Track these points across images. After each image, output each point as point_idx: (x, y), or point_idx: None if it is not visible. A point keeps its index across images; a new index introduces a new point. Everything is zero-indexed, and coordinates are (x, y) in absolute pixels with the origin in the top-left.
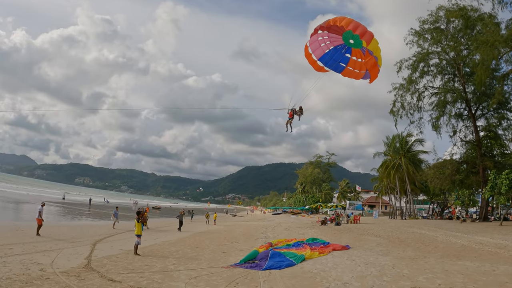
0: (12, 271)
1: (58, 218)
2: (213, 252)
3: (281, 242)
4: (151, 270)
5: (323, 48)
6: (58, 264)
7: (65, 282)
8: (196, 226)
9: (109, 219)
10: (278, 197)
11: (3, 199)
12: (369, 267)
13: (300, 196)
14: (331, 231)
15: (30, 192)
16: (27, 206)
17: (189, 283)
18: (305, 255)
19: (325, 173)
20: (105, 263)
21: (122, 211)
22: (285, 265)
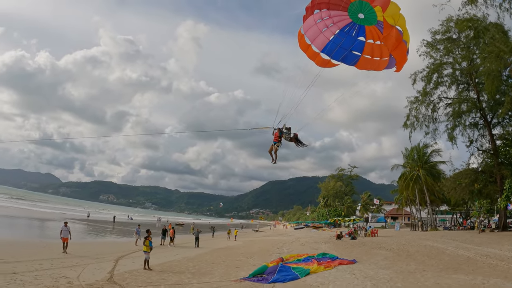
0: (43, 283)
1: (83, 236)
2: (227, 267)
3: (292, 257)
4: (167, 283)
5: (326, 34)
6: (83, 277)
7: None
8: (217, 242)
9: (132, 236)
10: (301, 211)
11: (29, 217)
12: (366, 280)
13: (322, 210)
14: (344, 245)
15: (55, 210)
16: (52, 223)
17: None
18: (311, 269)
19: (347, 186)
20: (126, 277)
21: (145, 228)
22: (289, 279)
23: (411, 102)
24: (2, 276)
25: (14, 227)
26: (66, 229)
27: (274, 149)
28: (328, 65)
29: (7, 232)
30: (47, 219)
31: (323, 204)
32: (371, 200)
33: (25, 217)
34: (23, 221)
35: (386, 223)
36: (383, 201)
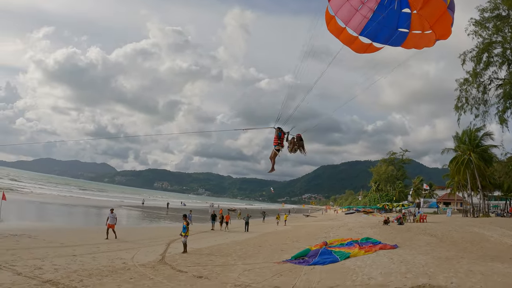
0: (101, 263)
1: (138, 221)
2: (272, 250)
3: (336, 241)
4: (214, 264)
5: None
6: (137, 258)
7: (142, 272)
8: (266, 227)
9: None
10: (353, 196)
11: (87, 205)
12: (402, 265)
13: (374, 194)
14: (389, 231)
15: (112, 198)
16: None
17: (242, 274)
18: (352, 253)
19: (399, 171)
20: (177, 258)
21: (197, 214)
22: (329, 262)
23: (461, 84)
24: (63, 258)
25: (73, 215)
26: (112, 215)
27: (274, 154)
28: (369, 50)
29: (67, 220)
30: (104, 207)
31: (374, 189)
32: (422, 185)
33: (83, 205)
34: (81, 209)
35: (438, 209)
36: (435, 186)
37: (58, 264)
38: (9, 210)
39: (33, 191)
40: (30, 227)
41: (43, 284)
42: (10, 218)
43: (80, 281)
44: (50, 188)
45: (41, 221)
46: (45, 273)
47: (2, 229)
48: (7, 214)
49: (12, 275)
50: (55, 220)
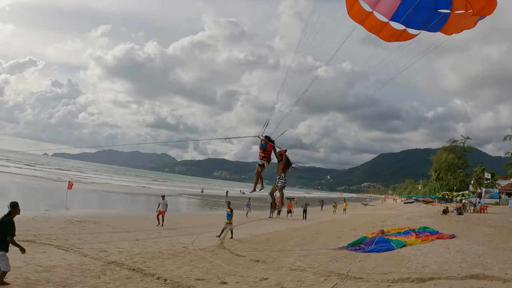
0: (162, 247)
1: (198, 209)
2: (329, 237)
3: (393, 230)
4: (271, 249)
5: None
6: (197, 243)
7: (202, 255)
8: (324, 215)
9: (242, 209)
10: (413, 185)
11: (148, 194)
12: (458, 255)
13: (434, 183)
14: (448, 220)
15: (171, 187)
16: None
17: (298, 259)
18: (408, 241)
19: (460, 159)
20: (235, 243)
21: (255, 202)
22: (384, 249)
23: None
24: (126, 242)
25: (135, 202)
26: (163, 202)
27: (257, 172)
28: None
29: (129, 207)
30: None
31: (435, 178)
32: (484, 174)
33: (145, 194)
34: (142, 197)
35: (500, 200)
36: (498, 175)
37: (121, 248)
38: (74, 199)
39: (96, 181)
40: (94, 214)
41: (108, 264)
42: (76, 206)
43: (143, 263)
44: (112, 178)
45: (104, 208)
46: (110, 255)
47: (69, 215)
48: (73, 202)
49: (80, 257)
50: (118, 207)
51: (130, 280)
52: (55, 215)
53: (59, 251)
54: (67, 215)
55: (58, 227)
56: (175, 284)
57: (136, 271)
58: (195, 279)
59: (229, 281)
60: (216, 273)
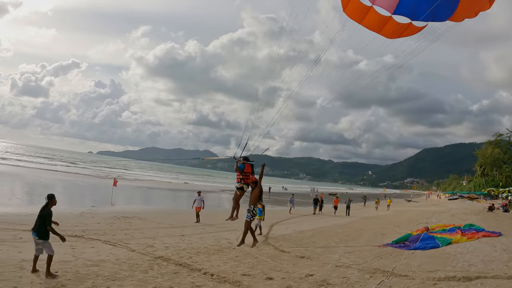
0: (207, 243)
1: (242, 205)
2: (373, 234)
3: (438, 227)
4: (316, 246)
5: None
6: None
7: (247, 251)
8: (367, 211)
9: (286, 205)
10: (457, 181)
11: (192, 190)
12: (504, 253)
13: (479, 179)
14: (494, 218)
15: (214, 183)
16: (211, 195)
17: (343, 256)
18: (453, 239)
19: (506, 153)
20: (280, 239)
21: (299, 198)
22: (430, 247)
23: None
24: (172, 238)
25: (179, 199)
26: (199, 198)
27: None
28: (406, 32)
29: (173, 203)
30: (208, 191)
31: (480, 173)
32: None
33: (188, 190)
34: (186, 194)
35: None
36: None
37: (168, 243)
38: (119, 195)
39: (140, 178)
40: (140, 210)
41: (155, 259)
42: (121, 202)
43: (189, 258)
44: (155, 175)
45: (149, 204)
46: (156, 250)
47: (115, 212)
48: (118, 199)
49: (127, 252)
50: (162, 203)
51: (177, 275)
52: (102, 211)
53: (107, 246)
54: (113, 211)
55: (105, 223)
56: (221, 279)
57: (182, 266)
58: (241, 275)
59: (275, 276)
60: (261, 269)
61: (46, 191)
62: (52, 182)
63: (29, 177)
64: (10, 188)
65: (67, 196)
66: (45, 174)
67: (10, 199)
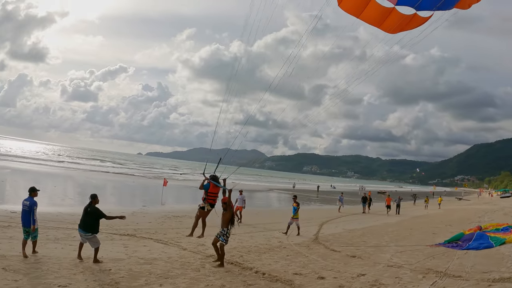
0: (258, 242)
1: (289, 204)
2: (424, 233)
3: (491, 226)
4: (366, 245)
5: None
6: (291, 238)
7: (298, 250)
8: (417, 210)
9: (335, 204)
10: (510, 178)
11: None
12: None
13: None
14: None
15: (262, 183)
16: (259, 194)
17: (394, 255)
18: (507, 239)
19: None
20: (330, 238)
21: (347, 196)
22: (483, 247)
23: None
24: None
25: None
26: (240, 197)
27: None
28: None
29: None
30: (255, 190)
31: None
32: None
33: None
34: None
35: None
36: None
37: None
38: (169, 195)
39: (189, 178)
40: (189, 209)
41: (206, 258)
42: (171, 201)
43: (240, 257)
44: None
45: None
46: (207, 249)
47: (165, 211)
48: (168, 198)
49: (179, 250)
50: None
51: (229, 274)
52: (152, 210)
53: (158, 244)
54: (163, 210)
55: (156, 222)
56: (273, 278)
57: (234, 264)
58: (292, 274)
59: (327, 276)
60: (313, 268)
61: (97, 191)
62: (103, 183)
63: (80, 178)
64: (63, 189)
65: (119, 196)
66: (96, 175)
67: (63, 200)
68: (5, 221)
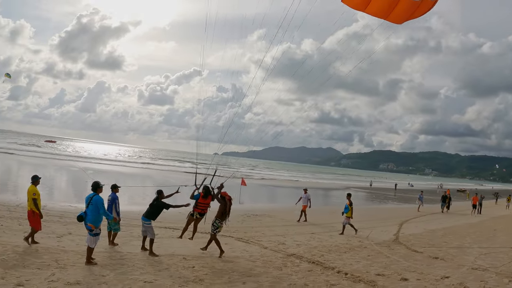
0: (337, 241)
1: (368, 202)
2: (509, 235)
3: None
4: (449, 246)
5: None
6: (372, 237)
7: (378, 250)
8: (498, 210)
9: (413, 202)
10: None
11: (316, 187)
12: None
13: None
14: None
15: (337, 181)
16: (335, 192)
17: (478, 257)
18: None
19: None
20: (410, 239)
21: (426, 195)
22: None
23: None
24: (302, 235)
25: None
26: (305, 196)
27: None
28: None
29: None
30: (332, 189)
31: None
32: None
33: (313, 188)
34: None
35: None
36: None
37: (299, 241)
38: (246, 194)
39: (265, 177)
40: (268, 208)
41: (288, 257)
42: (249, 200)
43: (321, 256)
44: (280, 174)
45: (275, 202)
46: (288, 248)
47: (244, 210)
48: (246, 197)
49: (260, 249)
50: (288, 201)
51: (311, 273)
52: (231, 209)
53: (239, 243)
54: (242, 209)
55: (236, 220)
56: (356, 278)
57: (315, 264)
58: (375, 274)
59: (410, 277)
60: (395, 269)
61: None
62: (182, 182)
63: (159, 178)
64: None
65: None
66: (174, 175)
67: (144, 199)
68: None
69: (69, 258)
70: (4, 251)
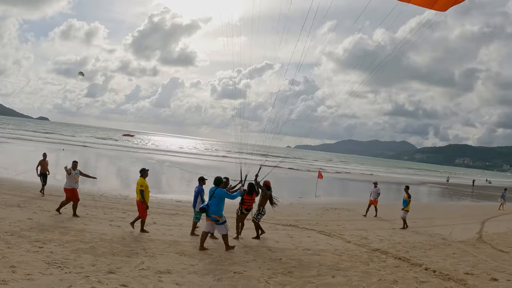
0: (421, 237)
1: (443, 199)
2: None
3: None
4: None
5: None
6: (454, 235)
7: (463, 248)
8: None
9: (493, 200)
10: None
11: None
12: None
13: None
14: None
15: (412, 176)
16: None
17: None
18: None
19: None
20: (494, 238)
21: (508, 193)
22: None
23: None
24: (384, 230)
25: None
26: (375, 190)
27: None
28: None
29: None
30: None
31: None
32: None
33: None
34: (382, 186)
35: None
36: None
37: (381, 236)
38: (321, 187)
39: (339, 171)
40: (346, 202)
41: (372, 252)
42: (324, 193)
43: (406, 252)
44: (353, 167)
45: (351, 196)
46: (371, 243)
47: (321, 203)
48: (320, 190)
49: (343, 243)
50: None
51: (399, 269)
52: (308, 202)
53: (322, 236)
54: (319, 202)
55: (315, 214)
56: (445, 276)
57: (402, 260)
58: (463, 273)
59: (500, 278)
60: (483, 268)
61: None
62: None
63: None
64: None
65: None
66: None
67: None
68: (172, 209)
69: (156, 246)
70: (92, 239)
